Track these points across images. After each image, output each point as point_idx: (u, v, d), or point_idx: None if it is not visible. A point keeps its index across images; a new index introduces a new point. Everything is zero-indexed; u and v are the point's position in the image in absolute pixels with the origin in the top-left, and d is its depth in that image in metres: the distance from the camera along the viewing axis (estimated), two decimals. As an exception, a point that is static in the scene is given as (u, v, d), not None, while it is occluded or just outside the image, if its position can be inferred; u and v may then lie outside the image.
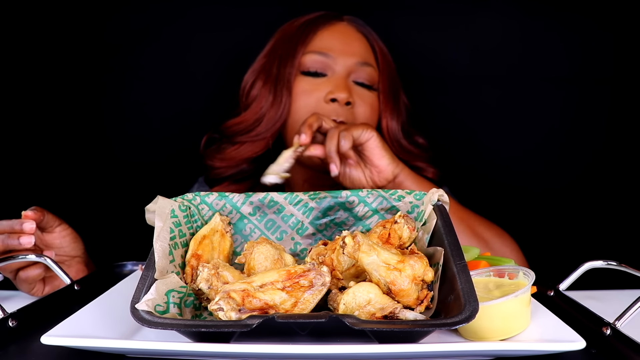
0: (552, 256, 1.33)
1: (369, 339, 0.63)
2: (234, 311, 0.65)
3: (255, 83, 1.25)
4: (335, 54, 1.20)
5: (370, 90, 1.23)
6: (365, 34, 1.27)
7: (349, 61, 1.21)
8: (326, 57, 1.20)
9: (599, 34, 1.40)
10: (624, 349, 0.68)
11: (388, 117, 1.26)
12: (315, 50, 1.21)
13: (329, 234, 0.89)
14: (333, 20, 1.26)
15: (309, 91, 1.20)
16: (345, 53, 1.21)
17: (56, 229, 0.99)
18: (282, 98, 1.20)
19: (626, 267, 0.82)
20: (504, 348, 0.62)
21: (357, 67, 1.21)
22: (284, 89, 1.19)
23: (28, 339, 0.73)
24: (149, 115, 1.47)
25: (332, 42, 1.22)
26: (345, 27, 1.26)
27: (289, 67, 1.20)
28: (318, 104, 1.19)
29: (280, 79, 1.20)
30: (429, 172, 1.29)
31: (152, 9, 1.42)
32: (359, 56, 1.22)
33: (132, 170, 1.47)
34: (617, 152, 1.43)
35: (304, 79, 1.20)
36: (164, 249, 0.76)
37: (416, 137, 1.32)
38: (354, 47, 1.23)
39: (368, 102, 1.22)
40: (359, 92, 1.21)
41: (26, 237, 0.90)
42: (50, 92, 1.42)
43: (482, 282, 0.76)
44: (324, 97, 1.18)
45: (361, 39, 1.26)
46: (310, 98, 1.19)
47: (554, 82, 1.42)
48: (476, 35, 1.42)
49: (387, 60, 1.28)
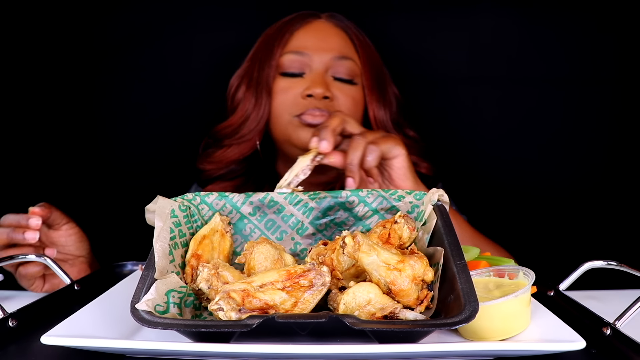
0: (552, 256, 1.33)
1: (369, 339, 0.63)
2: (234, 311, 0.65)
3: (239, 87, 1.28)
4: (311, 52, 1.22)
5: (351, 84, 1.24)
6: (344, 28, 1.28)
7: (326, 57, 1.22)
8: (302, 56, 1.22)
9: (599, 34, 1.40)
10: (624, 349, 0.68)
11: (375, 108, 1.26)
12: (292, 50, 1.23)
13: (329, 234, 0.89)
14: (309, 19, 1.27)
15: (286, 89, 1.22)
16: (322, 49, 1.22)
17: (63, 227, 1.00)
18: (262, 100, 1.22)
19: (626, 267, 0.82)
20: (504, 348, 0.62)
21: (334, 62, 1.22)
22: (264, 91, 1.22)
23: (28, 339, 0.73)
24: (149, 115, 1.47)
25: (308, 41, 1.23)
26: (321, 24, 1.27)
27: (267, 69, 1.22)
28: (295, 100, 1.20)
29: (259, 81, 1.23)
30: (422, 167, 1.28)
31: (153, 9, 1.42)
32: (336, 51, 1.23)
33: (132, 170, 1.47)
34: (617, 152, 1.43)
35: (282, 80, 1.22)
36: (164, 249, 0.76)
37: (406, 129, 1.32)
38: (331, 42, 1.24)
39: (349, 96, 1.23)
40: (338, 87, 1.22)
41: (31, 233, 0.91)
42: (51, 92, 1.43)
43: (482, 282, 0.76)
44: (300, 93, 1.20)
45: (339, 33, 1.27)
46: (288, 95, 1.21)
47: (554, 83, 1.42)
48: (476, 36, 1.42)
49: (369, 53, 1.28)
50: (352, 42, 1.27)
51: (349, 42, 1.27)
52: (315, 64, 1.22)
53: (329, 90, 1.20)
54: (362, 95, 1.26)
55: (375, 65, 1.28)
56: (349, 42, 1.27)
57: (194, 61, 1.46)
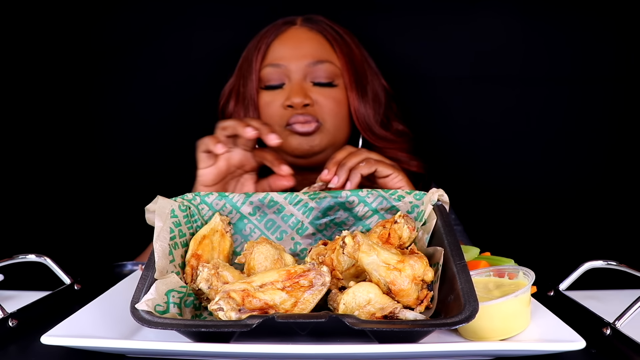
0: (552, 256, 1.33)
1: (369, 339, 0.63)
2: (234, 311, 0.65)
3: (229, 100, 1.31)
4: (287, 62, 1.23)
5: (331, 86, 1.25)
6: (320, 31, 1.28)
7: (302, 64, 1.23)
8: (279, 68, 1.24)
9: (602, 33, 1.40)
10: (624, 349, 0.68)
11: (355, 105, 1.26)
12: (269, 63, 1.25)
13: (329, 234, 0.89)
14: (283, 28, 1.28)
15: (269, 103, 1.24)
16: (297, 57, 1.23)
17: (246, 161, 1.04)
18: (249, 114, 1.25)
19: (626, 267, 0.82)
20: (504, 348, 0.62)
21: (310, 67, 1.23)
22: (250, 106, 1.25)
23: (28, 339, 0.73)
24: (149, 115, 1.47)
25: (283, 51, 1.25)
26: (295, 31, 1.28)
27: (249, 84, 1.25)
28: (278, 112, 1.23)
29: (245, 96, 1.26)
30: (413, 165, 1.28)
31: (151, 9, 1.42)
32: (311, 57, 1.24)
33: (132, 170, 1.47)
34: (617, 152, 1.42)
35: (265, 93, 1.25)
36: (164, 249, 0.76)
37: (395, 123, 1.32)
38: (305, 49, 1.25)
39: (330, 98, 1.24)
40: (318, 91, 1.23)
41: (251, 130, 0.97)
42: (51, 93, 1.42)
43: (482, 282, 0.76)
44: (282, 104, 1.22)
45: (314, 37, 1.27)
46: (271, 109, 1.24)
47: (556, 82, 1.42)
48: (476, 35, 1.42)
49: (346, 51, 1.28)
50: (329, 43, 1.27)
51: (326, 44, 1.27)
52: (293, 73, 1.23)
53: (309, 97, 1.22)
54: (344, 96, 1.26)
55: (355, 63, 1.28)
56: (325, 44, 1.27)
57: (193, 60, 1.46)
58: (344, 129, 1.27)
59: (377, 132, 1.28)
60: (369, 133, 1.27)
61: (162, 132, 1.47)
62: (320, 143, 1.23)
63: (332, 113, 1.23)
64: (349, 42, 1.29)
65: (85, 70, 1.42)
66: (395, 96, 1.34)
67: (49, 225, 1.43)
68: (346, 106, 1.26)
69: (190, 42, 1.45)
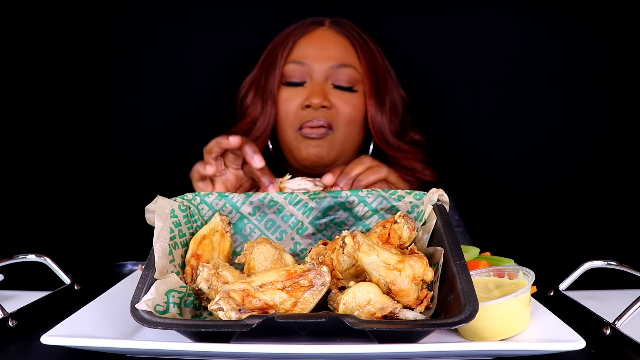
0: (552, 256, 1.33)
1: (368, 339, 0.63)
2: (234, 311, 0.65)
3: (248, 92, 1.31)
4: (311, 61, 1.24)
5: (351, 91, 1.25)
6: (347, 35, 1.28)
7: (325, 66, 1.23)
8: (303, 66, 1.24)
9: (599, 34, 1.40)
10: (624, 349, 0.68)
11: (372, 113, 1.26)
12: (293, 60, 1.25)
13: (328, 234, 0.89)
14: (312, 27, 1.28)
15: (289, 100, 1.24)
16: (321, 58, 1.24)
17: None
18: (267, 108, 1.26)
19: (626, 267, 0.83)
20: (504, 348, 0.62)
21: (334, 70, 1.24)
22: (269, 100, 1.26)
23: (28, 339, 0.73)
24: (149, 115, 1.47)
25: (309, 50, 1.25)
26: (323, 32, 1.28)
27: (271, 78, 1.26)
28: (296, 111, 1.23)
29: (265, 89, 1.26)
30: (427, 174, 1.28)
31: (152, 9, 1.42)
32: (335, 59, 1.24)
33: (132, 170, 1.47)
34: (617, 152, 1.42)
35: (286, 89, 1.25)
36: (163, 249, 0.76)
37: (411, 133, 1.32)
38: (331, 51, 1.26)
39: (349, 103, 1.24)
40: (338, 95, 1.24)
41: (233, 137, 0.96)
42: (51, 93, 1.42)
43: (482, 282, 0.76)
44: (300, 104, 1.23)
45: (340, 41, 1.28)
46: (290, 106, 1.24)
47: (554, 83, 1.42)
48: (476, 35, 1.42)
49: (370, 58, 1.28)
50: (354, 49, 1.28)
51: (351, 49, 1.28)
52: (315, 73, 1.23)
53: (327, 100, 1.22)
54: (363, 102, 1.27)
55: (377, 71, 1.28)
56: (350, 48, 1.28)
57: (194, 61, 1.46)
58: (356, 137, 1.27)
59: (392, 141, 1.28)
60: (383, 142, 1.27)
61: (162, 132, 1.47)
62: (329, 154, 1.23)
63: (348, 119, 1.24)
64: (373, 49, 1.29)
65: (86, 70, 1.42)
66: (413, 106, 1.34)
67: (49, 225, 1.43)
68: (363, 113, 1.27)
69: (190, 42, 1.45)
